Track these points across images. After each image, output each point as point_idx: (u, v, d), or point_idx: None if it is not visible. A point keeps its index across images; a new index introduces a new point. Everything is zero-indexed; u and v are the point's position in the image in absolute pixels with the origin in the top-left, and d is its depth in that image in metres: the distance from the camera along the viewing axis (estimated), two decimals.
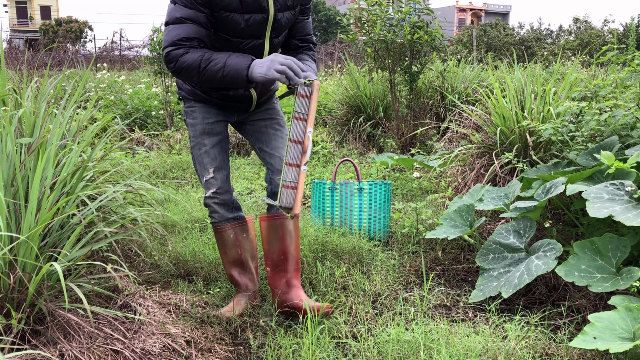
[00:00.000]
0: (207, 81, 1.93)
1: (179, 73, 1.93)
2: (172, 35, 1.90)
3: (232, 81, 1.90)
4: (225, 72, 1.89)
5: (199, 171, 2.22)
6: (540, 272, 2.07)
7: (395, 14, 5.58)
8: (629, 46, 3.86)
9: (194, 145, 2.22)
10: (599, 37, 19.57)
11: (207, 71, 1.89)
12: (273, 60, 1.87)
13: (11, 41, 20.78)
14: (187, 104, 2.21)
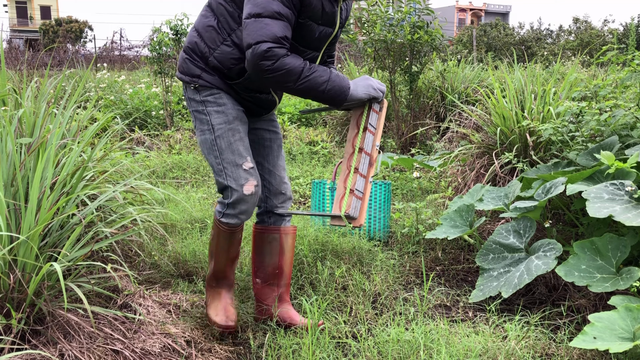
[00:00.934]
0: (300, 91, 1.81)
1: (273, 74, 1.74)
2: (272, 30, 1.73)
3: (332, 98, 1.84)
4: (329, 87, 1.82)
5: (231, 159, 1.94)
6: (540, 272, 2.07)
7: (395, 14, 5.59)
8: (629, 46, 3.86)
9: (222, 133, 1.95)
10: (599, 37, 19.58)
11: (309, 81, 1.79)
12: (367, 85, 1.90)
13: (11, 41, 20.79)
14: (207, 91, 1.97)
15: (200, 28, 1.98)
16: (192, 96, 2.01)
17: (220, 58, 1.93)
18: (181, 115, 7.11)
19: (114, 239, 2.11)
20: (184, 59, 2.02)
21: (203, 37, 1.96)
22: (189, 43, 2.00)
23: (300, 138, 5.77)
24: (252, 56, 1.74)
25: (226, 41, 1.93)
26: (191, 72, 1.99)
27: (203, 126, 1.99)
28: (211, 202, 3.76)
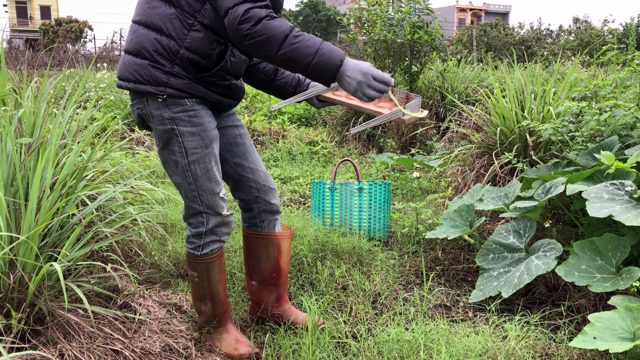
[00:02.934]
0: (283, 61, 1.54)
1: (253, 38, 1.51)
2: None
3: (318, 72, 1.55)
4: (317, 60, 1.53)
5: (208, 188, 1.77)
6: (540, 272, 2.07)
7: (395, 14, 5.59)
8: (629, 46, 3.86)
9: (198, 158, 1.74)
10: (599, 37, 19.57)
11: (294, 49, 1.51)
12: (366, 73, 1.56)
13: (11, 41, 20.77)
14: (179, 106, 1.70)
15: (154, 20, 1.67)
16: (156, 111, 1.71)
17: (193, 47, 1.66)
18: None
19: (114, 239, 2.11)
20: (144, 65, 1.68)
21: (163, 29, 1.66)
22: (146, 43, 1.68)
23: (300, 138, 5.77)
24: (229, 21, 1.54)
25: (194, 26, 1.66)
26: (155, 80, 1.67)
27: (172, 147, 1.74)
28: None
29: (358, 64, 1.57)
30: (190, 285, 1.98)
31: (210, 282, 1.91)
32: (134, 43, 1.71)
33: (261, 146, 5.63)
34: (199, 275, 1.90)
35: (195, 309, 2.01)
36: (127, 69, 1.72)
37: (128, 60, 1.73)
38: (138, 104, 1.74)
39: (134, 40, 1.72)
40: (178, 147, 1.74)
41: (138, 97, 1.74)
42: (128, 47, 1.74)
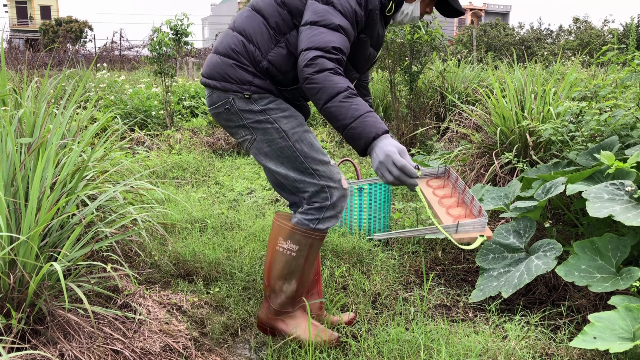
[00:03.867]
0: (326, 113, 1.59)
1: (310, 84, 1.59)
2: (325, 39, 1.61)
3: (353, 136, 1.57)
4: (356, 124, 1.55)
5: (319, 159, 1.81)
6: (540, 272, 2.07)
7: None
8: (629, 46, 3.86)
9: (300, 137, 1.80)
10: (599, 37, 19.57)
11: (341, 107, 1.56)
12: (388, 156, 1.53)
13: (11, 41, 20.79)
14: (266, 98, 1.79)
15: (247, 28, 1.80)
16: (245, 107, 1.79)
17: (275, 61, 1.76)
18: (181, 115, 7.11)
19: (114, 239, 2.11)
20: (230, 64, 1.79)
21: (252, 39, 1.78)
22: (234, 45, 1.80)
23: None
24: (299, 60, 1.63)
25: (280, 43, 1.77)
26: (240, 78, 1.78)
27: (271, 135, 1.80)
28: (211, 202, 3.76)
29: (388, 144, 1.55)
30: (274, 260, 1.89)
31: (307, 260, 1.88)
32: (224, 44, 1.83)
33: None
34: (300, 250, 1.85)
35: (271, 287, 1.91)
36: (214, 68, 1.83)
37: (216, 60, 1.83)
38: (225, 104, 1.82)
39: (224, 42, 1.84)
40: (277, 134, 1.80)
41: (224, 96, 1.81)
42: (218, 47, 1.85)
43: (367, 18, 1.75)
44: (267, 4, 1.81)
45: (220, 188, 4.26)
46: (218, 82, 1.81)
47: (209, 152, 5.51)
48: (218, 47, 1.85)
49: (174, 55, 6.38)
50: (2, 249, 1.65)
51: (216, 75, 1.81)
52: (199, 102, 7.44)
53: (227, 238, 2.93)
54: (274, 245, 1.89)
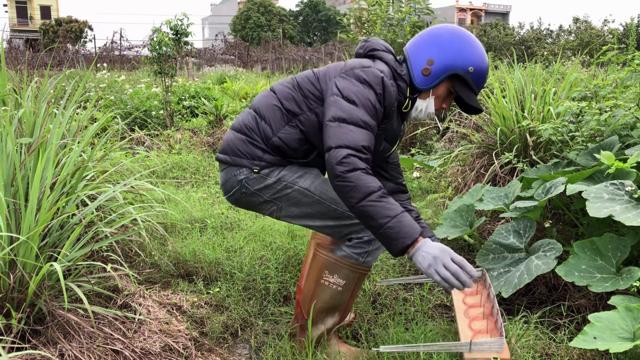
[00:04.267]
0: (359, 212, 1.58)
1: (343, 182, 1.58)
2: (355, 137, 1.63)
3: (390, 236, 1.56)
4: (390, 225, 1.55)
5: (337, 205, 1.80)
6: (540, 272, 2.07)
7: (395, 14, 5.59)
8: (629, 46, 3.86)
9: (321, 188, 1.80)
10: (599, 37, 19.56)
11: (375, 206, 1.56)
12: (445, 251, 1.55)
13: (11, 41, 20.79)
14: (277, 170, 1.82)
15: (261, 107, 1.86)
16: (260, 185, 1.82)
17: (285, 138, 1.81)
18: (181, 115, 7.11)
19: (114, 238, 2.11)
20: (241, 139, 1.84)
21: (265, 116, 1.84)
22: (247, 122, 1.86)
23: None
24: (329, 157, 1.62)
25: (291, 122, 1.81)
26: (251, 153, 1.82)
27: (295, 199, 1.81)
28: (211, 202, 3.76)
29: (436, 244, 1.57)
30: (318, 294, 1.85)
31: (353, 294, 1.88)
32: (239, 121, 1.91)
33: None
34: (347, 284, 1.84)
35: (313, 318, 1.87)
36: (227, 144, 1.89)
37: (230, 136, 1.90)
38: (240, 189, 1.85)
39: (240, 119, 1.91)
40: (300, 194, 1.81)
41: (235, 174, 1.84)
42: (234, 124, 1.93)
43: (384, 113, 1.77)
44: (282, 85, 1.88)
45: (220, 188, 4.26)
46: (229, 156, 1.85)
47: (209, 152, 5.51)
48: (234, 124, 1.92)
49: (174, 55, 6.38)
50: (2, 249, 1.64)
51: (228, 150, 1.87)
52: (199, 102, 7.44)
53: (227, 238, 2.93)
54: (317, 277, 1.85)
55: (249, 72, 17.53)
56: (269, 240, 2.85)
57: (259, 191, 1.83)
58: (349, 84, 1.72)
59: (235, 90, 9.60)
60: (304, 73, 1.90)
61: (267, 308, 2.31)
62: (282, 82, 1.91)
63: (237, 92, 9.47)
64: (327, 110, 1.71)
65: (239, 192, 1.85)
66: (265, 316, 2.25)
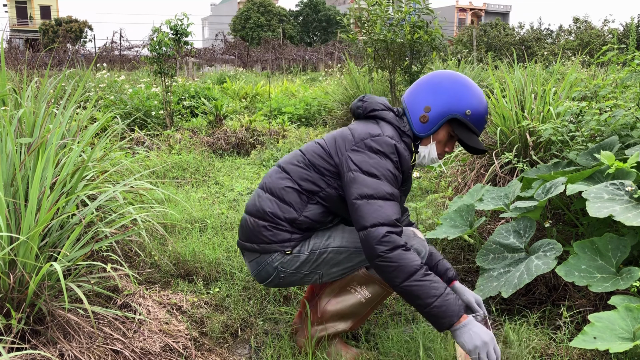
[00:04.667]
0: (403, 292, 1.59)
1: (385, 262, 1.59)
2: (387, 212, 1.63)
3: (437, 314, 1.57)
4: (437, 304, 1.56)
5: None
6: (540, 272, 2.07)
7: (395, 14, 5.59)
8: (629, 46, 3.86)
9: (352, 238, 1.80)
10: (599, 37, 19.56)
11: (421, 286, 1.57)
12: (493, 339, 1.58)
13: (11, 41, 20.79)
14: (306, 242, 1.81)
15: (278, 190, 1.82)
16: (295, 264, 1.80)
17: (311, 216, 1.80)
18: (181, 115, 7.11)
19: (114, 238, 2.11)
20: (265, 226, 1.80)
21: (285, 199, 1.80)
22: (266, 207, 1.80)
23: (300, 138, 5.77)
24: (366, 237, 1.62)
25: (312, 200, 1.80)
26: (280, 238, 1.79)
27: (332, 260, 1.81)
28: (211, 202, 3.76)
29: (482, 327, 1.60)
30: (341, 299, 1.86)
31: (373, 307, 1.90)
32: (257, 207, 1.84)
33: (261, 146, 5.63)
34: (372, 298, 1.86)
35: (325, 321, 1.88)
36: (251, 232, 1.83)
37: (250, 223, 1.84)
38: (277, 275, 1.82)
39: (257, 204, 1.85)
40: (336, 254, 1.81)
41: (267, 261, 1.82)
42: (250, 209, 1.86)
43: (402, 177, 1.80)
44: (294, 165, 1.84)
45: (220, 188, 4.26)
46: (256, 245, 1.81)
47: (209, 152, 5.51)
48: (251, 210, 1.86)
49: (174, 55, 6.38)
50: (2, 249, 1.64)
51: (253, 239, 1.82)
52: (199, 102, 7.44)
53: (227, 238, 2.93)
54: (345, 285, 1.87)
55: (248, 72, 17.53)
56: None
57: (297, 269, 1.81)
58: (364, 157, 1.71)
59: (235, 90, 9.60)
60: (311, 148, 1.86)
61: (267, 308, 2.31)
62: (290, 159, 1.87)
63: (237, 92, 9.48)
64: (350, 188, 1.69)
65: (278, 278, 1.83)
66: (265, 316, 2.25)
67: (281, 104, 7.77)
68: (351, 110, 1.95)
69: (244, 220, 1.88)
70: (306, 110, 7.66)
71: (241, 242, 1.88)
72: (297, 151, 1.90)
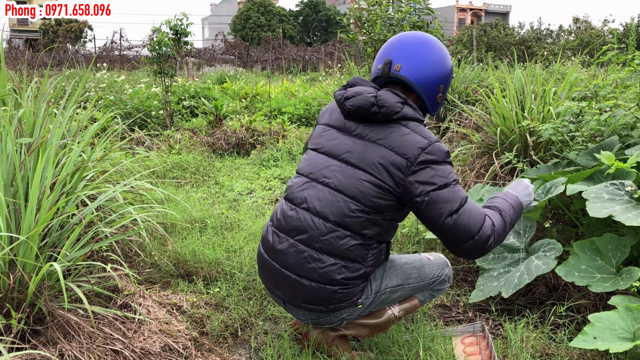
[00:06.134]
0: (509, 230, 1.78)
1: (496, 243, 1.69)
2: (476, 213, 1.64)
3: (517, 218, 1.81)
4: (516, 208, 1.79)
5: (422, 268, 1.90)
6: (540, 272, 2.07)
7: (395, 14, 5.59)
8: (629, 46, 3.86)
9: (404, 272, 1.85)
10: (599, 37, 19.56)
11: (511, 222, 1.76)
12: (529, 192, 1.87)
13: (11, 41, 20.79)
14: (368, 284, 1.79)
15: (339, 252, 1.68)
16: (360, 311, 1.78)
17: (373, 262, 1.74)
18: (181, 115, 7.11)
19: (114, 238, 2.11)
20: (335, 291, 1.69)
21: (350, 258, 1.69)
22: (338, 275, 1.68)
23: (300, 138, 5.77)
24: (477, 245, 1.64)
25: (372, 246, 1.71)
26: (350, 295, 1.72)
27: (390, 298, 1.83)
28: (211, 202, 3.76)
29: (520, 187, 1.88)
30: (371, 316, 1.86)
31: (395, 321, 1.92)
32: (318, 271, 1.69)
33: (261, 146, 5.63)
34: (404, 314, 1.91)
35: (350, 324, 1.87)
36: (316, 297, 1.71)
37: (314, 288, 1.70)
38: (336, 316, 1.77)
39: (315, 268, 1.69)
40: (392, 292, 1.83)
41: (332, 315, 1.77)
42: (305, 272, 1.70)
43: None
44: (349, 216, 1.67)
45: (220, 188, 4.26)
46: (323, 307, 1.72)
47: (208, 152, 5.51)
48: (304, 272, 1.71)
49: (174, 55, 6.37)
50: (2, 249, 1.64)
51: (319, 302, 1.71)
52: (199, 102, 7.44)
53: (227, 238, 2.93)
54: None
55: (248, 72, 17.53)
56: None
57: (361, 313, 1.80)
58: (431, 172, 1.62)
59: (235, 90, 9.60)
60: (358, 187, 1.66)
61: (267, 308, 2.31)
62: (341, 210, 1.67)
63: (237, 92, 9.47)
64: (430, 212, 1.63)
65: (341, 323, 1.81)
66: (265, 316, 2.25)
67: (281, 104, 7.77)
68: (358, 111, 1.73)
69: (294, 281, 1.72)
70: (306, 110, 7.66)
71: (296, 302, 1.74)
72: (336, 195, 1.69)
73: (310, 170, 1.77)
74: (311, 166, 1.78)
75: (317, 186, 1.73)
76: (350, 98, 1.73)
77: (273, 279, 1.78)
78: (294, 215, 1.74)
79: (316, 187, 1.73)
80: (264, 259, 1.81)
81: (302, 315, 1.80)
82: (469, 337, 2.00)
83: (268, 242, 1.80)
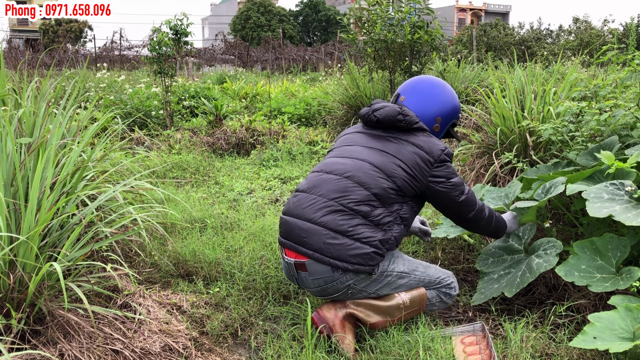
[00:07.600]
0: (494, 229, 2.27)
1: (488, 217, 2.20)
2: (474, 196, 2.15)
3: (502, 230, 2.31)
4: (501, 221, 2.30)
5: (435, 271, 2.12)
6: (542, 270, 2.07)
7: (395, 14, 5.59)
8: (629, 46, 3.86)
9: (412, 267, 2.07)
10: (599, 37, 19.55)
11: (496, 222, 2.24)
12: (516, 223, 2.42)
13: (11, 41, 20.79)
14: (380, 263, 1.98)
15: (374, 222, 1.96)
16: (366, 281, 1.95)
17: (397, 236, 2.00)
18: (181, 115, 7.11)
19: (114, 238, 2.11)
20: (370, 253, 1.91)
21: (383, 227, 1.96)
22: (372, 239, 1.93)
23: (300, 138, 5.77)
24: (477, 213, 2.15)
25: (397, 220, 2.01)
26: (372, 262, 1.93)
27: (394, 283, 2.02)
28: (211, 201, 3.76)
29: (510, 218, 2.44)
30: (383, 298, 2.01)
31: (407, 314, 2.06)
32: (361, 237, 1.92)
33: (261, 146, 5.64)
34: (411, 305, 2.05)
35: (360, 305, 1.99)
36: (356, 255, 1.90)
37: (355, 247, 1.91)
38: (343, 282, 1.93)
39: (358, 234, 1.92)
40: (398, 278, 2.02)
41: (340, 276, 1.93)
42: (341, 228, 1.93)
43: None
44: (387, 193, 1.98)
45: (220, 188, 4.26)
46: (358, 265, 1.90)
47: (208, 152, 5.51)
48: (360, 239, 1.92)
49: (174, 55, 6.38)
50: (2, 249, 1.64)
51: (357, 260, 1.91)
52: (199, 102, 7.44)
53: (227, 238, 2.93)
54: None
55: (248, 72, 17.53)
56: (268, 240, 2.85)
57: (365, 287, 1.96)
58: (447, 168, 2.07)
59: (235, 90, 9.60)
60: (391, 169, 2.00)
61: (267, 308, 2.31)
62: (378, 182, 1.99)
63: (237, 92, 9.47)
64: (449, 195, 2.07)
65: (345, 293, 1.96)
66: (265, 316, 2.25)
67: (281, 104, 7.77)
68: (386, 119, 2.09)
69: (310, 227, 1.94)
70: (306, 110, 7.66)
71: (320, 257, 1.90)
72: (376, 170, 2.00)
73: (349, 155, 2.09)
74: (348, 152, 2.11)
75: (357, 161, 2.05)
76: (378, 109, 2.11)
77: (296, 233, 1.97)
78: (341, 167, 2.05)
79: (356, 161, 2.05)
80: (286, 220, 2.03)
81: (312, 283, 1.94)
82: (469, 337, 2.00)
83: (292, 205, 2.05)
